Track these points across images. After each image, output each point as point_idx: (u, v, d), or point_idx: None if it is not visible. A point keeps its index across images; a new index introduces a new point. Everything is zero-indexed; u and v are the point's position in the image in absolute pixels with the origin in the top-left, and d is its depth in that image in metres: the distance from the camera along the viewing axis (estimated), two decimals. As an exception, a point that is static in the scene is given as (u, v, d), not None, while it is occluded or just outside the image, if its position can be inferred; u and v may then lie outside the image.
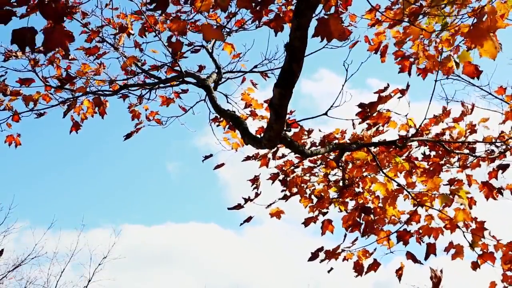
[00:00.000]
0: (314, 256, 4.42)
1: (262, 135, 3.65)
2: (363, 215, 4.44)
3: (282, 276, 22.00)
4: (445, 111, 4.95)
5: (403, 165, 4.44)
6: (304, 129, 4.79)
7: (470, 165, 5.01)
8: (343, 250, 4.44)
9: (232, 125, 4.81)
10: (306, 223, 4.85)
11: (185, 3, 4.55)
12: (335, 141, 4.87)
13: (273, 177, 4.97)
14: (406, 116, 4.41)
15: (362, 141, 4.57)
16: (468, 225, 4.33)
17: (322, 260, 4.42)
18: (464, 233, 4.21)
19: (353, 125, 4.52)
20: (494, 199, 4.66)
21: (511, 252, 4.18)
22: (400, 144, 4.22)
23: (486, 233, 4.21)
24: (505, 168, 4.78)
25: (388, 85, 4.25)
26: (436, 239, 4.30)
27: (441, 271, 2.96)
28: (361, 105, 4.14)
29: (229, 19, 5.08)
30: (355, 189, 4.71)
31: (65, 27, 2.57)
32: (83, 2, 4.88)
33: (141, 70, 5.28)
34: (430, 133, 5.00)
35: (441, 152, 4.94)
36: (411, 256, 4.23)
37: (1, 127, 4.93)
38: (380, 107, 4.22)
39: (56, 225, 21.00)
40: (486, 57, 2.78)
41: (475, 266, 4.30)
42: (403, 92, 4.25)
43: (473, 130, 4.96)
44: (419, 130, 4.47)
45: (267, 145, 3.65)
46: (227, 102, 5.62)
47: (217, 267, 22.68)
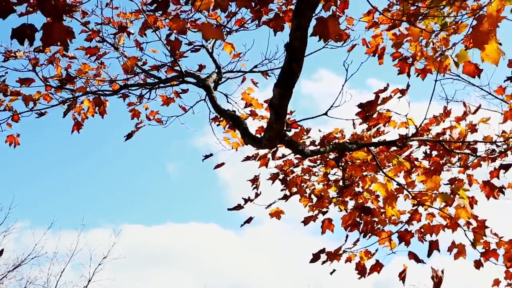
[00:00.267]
0: (315, 257, 4.41)
1: (262, 135, 3.64)
2: (363, 215, 4.44)
3: (282, 276, 22.03)
4: (446, 111, 4.94)
5: (403, 165, 4.44)
6: (304, 129, 4.79)
7: (471, 165, 5.00)
8: (345, 251, 4.43)
9: (232, 125, 4.80)
10: (305, 222, 4.85)
11: (186, 3, 4.54)
12: (335, 141, 4.87)
13: (273, 177, 4.97)
14: (406, 116, 4.41)
15: (362, 141, 4.56)
16: (469, 224, 4.33)
17: (324, 262, 4.41)
18: (465, 232, 4.21)
19: (353, 124, 4.51)
20: (495, 198, 4.65)
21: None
22: (400, 144, 4.21)
23: (487, 231, 4.22)
24: (507, 167, 4.77)
25: (388, 85, 4.25)
26: (437, 235, 4.31)
27: (442, 271, 2.96)
28: (361, 105, 4.14)
29: (229, 19, 5.07)
30: (355, 189, 4.71)
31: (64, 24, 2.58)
32: (83, 1, 4.88)
33: (141, 70, 5.28)
34: (430, 133, 5.00)
35: (441, 151, 4.93)
36: (413, 255, 4.23)
37: (1, 127, 4.93)
38: (380, 107, 4.21)
39: (56, 225, 21.03)
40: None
41: (478, 264, 4.30)
42: (403, 92, 4.25)
43: (473, 130, 4.95)
44: (419, 130, 4.46)
45: (267, 145, 3.65)
46: (227, 102, 5.63)
47: (217, 267, 22.72)
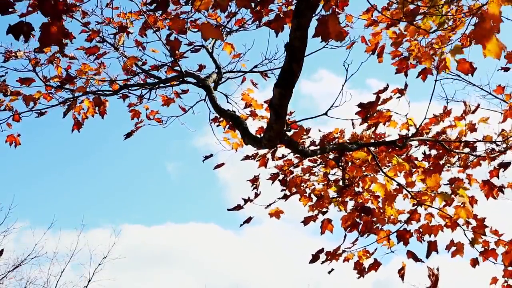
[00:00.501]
0: (315, 258, 4.42)
1: (262, 135, 3.65)
2: (363, 215, 4.44)
3: (282, 276, 22.04)
4: (446, 110, 4.95)
5: (403, 165, 4.44)
6: (303, 129, 4.79)
7: (470, 164, 5.01)
8: (344, 250, 4.44)
9: (232, 125, 4.81)
10: (305, 222, 4.86)
11: (186, 3, 4.54)
12: (335, 140, 4.88)
13: (273, 177, 4.97)
14: (406, 116, 4.41)
15: (361, 140, 4.57)
16: (468, 223, 4.34)
17: (323, 261, 4.42)
18: (464, 231, 4.21)
19: (352, 124, 4.52)
20: (494, 198, 4.65)
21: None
22: (400, 144, 4.22)
23: (486, 230, 4.22)
24: (506, 166, 4.77)
25: (387, 86, 4.26)
26: (436, 236, 4.31)
27: (437, 269, 2.96)
28: (361, 105, 4.14)
29: (229, 19, 5.08)
30: (354, 189, 4.72)
31: (63, 24, 2.58)
32: (84, 1, 4.88)
33: (141, 70, 5.28)
34: (430, 131, 5.00)
35: (441, 151, 4.94)
36: (412, 255, 4.23)
37: (1, 127, 4.93)
38: (380, 107, 4.22)
39: (56, 225, 21.00)
40: (490, 57, 2.78)
41: (474, 263, 4.31)
42: (401, 91, 4.26)
43: (473, 129, 4.96)
44: (419, 129, 4.47)
45: (267, 145, 3.65)
46: (227, 102, 5.63)
47: (217, 267, 22.72)
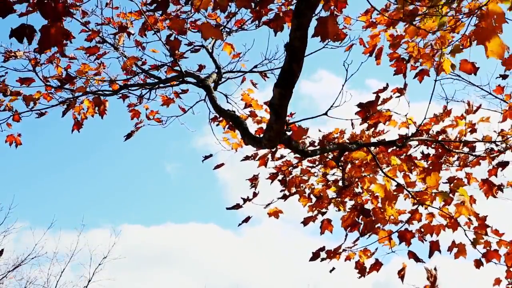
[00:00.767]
0: (315, 256, 4.43)
1: (262, 135, 3.65)
2: (362, 215, 4.44)
3: (281, 276, 22.05)
4: (446, 110, 4.96)
5: (402, 165, 4.45)
6: (303, 129, 4.79)
7: (470, 164, 5.02)
8: (344, 250, 4.44)
9: (232, 125, 4.81)
10: (305, 223, 4.86)
11: (186, 3, 4.55)
12: (335, 140, 4.88)
13: (272, 177, 4.97)
14: (405, 116, 4.42)
15: (361, 140, 4.57)
16: (469, 223, 4.33)
17: (323, 259, 4.42)
18: (465, 232, 4.21)
19: (352, 125, 4.52)
20: (494, 196, 4.66)
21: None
22: (399, 144, 4.22)
23: (488, 230, 4.22)
24: (504, 165, 4.78)
25: (387, 85, 4.26)
26: (438, 235, 4.31)
27: (435, 269, 2.96)
28: (361, 105, 4.14)
29: (229, 19, 5.08)
30: (354, 189, 4.72)
31: (63, 26, 2.58)
32: (83, 1, 4.88)
33: (141, 70, 5.28)
34: (430, 130, 5.00)
35: (440, 150, 4.94)
36: (413, 255, 4.23)
37: (1, 127, 4.92)
38: (380, 107, 4.22)
39: (56, 225, 20.99)
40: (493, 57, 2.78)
41: (478, 264, 4.30)
42: (401, 91, 4.26)
43: (473, 129, 4.97)
44: (419, 129, 4.47)
45: (267, 145, 3.65)
46: (227, 102, 5.63)
47: (216, 267, 22.72)
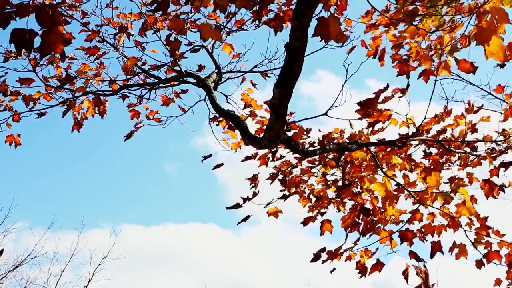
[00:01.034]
0: (316, 257, 4.42)
1: (262, 135, 3.64)
2: (362, 215, 4.44)
3: (281, 276, 22.06)
4: (446, 110, 4.95)
5: (402, 164, 4.44)
6: (303, 129, 4.79)
7: (471, 164, 5.01)
8: (345, 250, 4.44)
9: (232, 125, 4.80)
10: (305, 223, 4.86)
11: (186, 3, 4.54)
12: (334, 140, 4.87)
13: (272, 177, 4.97)
14: (406, 116, 4.41)
15: (360, 140, 4.56)
16: (470, 224, 4.33)
17: (324, 260, 4.42)
18: (466, 232, 4.20)
19: (350, 125, 4.51)
20: (494, 197, 4.65)
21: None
22: (400, 144, 4.21)
23: (489, 231, 4.21)
24: (507, 165, 4.77)
25: (388, 85, 4.25)
26: (439, 235, 4.30)
27: (424, 265, 2.94)
28: (361, 103, 4.13)
29: (228, 19, 5.07)
30: (353, 189, 4.71)
31: (64, 29, 2.57)
32: (83, 1, 4.87)
33: (141, 70, 5.28)
34: (431, 128, 4.99)
35: (441, 150, 4.94)
36: (414, 255, 4.22)
37: (1, 127, 4.92)
38: (380, 106, 4.21)
39: (56, 225, 21.05)
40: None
41: (479, 264, 4.28)
42: (403, 91, 4.25)
43: (473, 129, 4.96)
44: (419, 129, 4.46)
45: (267, 145, 3.65)
46: (227, 102, 5.63)
47: (216, 267, 22.74)
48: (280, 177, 4.99)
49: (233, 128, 5.13)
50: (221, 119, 5.38)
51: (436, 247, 4.21)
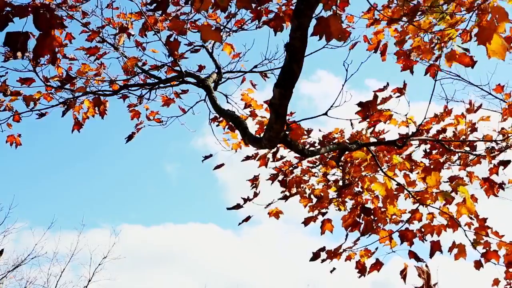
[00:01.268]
0: (315, 256, 4.42)
1: (262, 135, 3.64)
2: (363, 215, 4.44)
3: (281, 275, 22.08)
4: (446, 110, 4.96)
5: (403, 164, 4.45)
6: (303, 129, 4.79)
7: (470, 163, 5.01)
8: (345, 250, 4.44)
9: (232, 125, 4.80)
10: (305, 223, 4.86)
11: (185, 3, 4.55)
12: (335, 140, 4.88)
13: (272, 178, 4.97)
14: (406, 115, 4.41)
15: (360, 140, 4.57)
16: (470, 224, 4.33)
17: (323, 260, 4.42)
18: (465, 232, 4.20)
19: (351, 125, 4.51)
20: (495, 195, 4.65)
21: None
22: (400, 143, 4.22)
23: (488, 231, 4.21)
24: (506, 164, 4.77)
25: (388, 85, 4.26)
26: (439, 235, 4.31)
27: (427, 266, 2.93)
28: (361, 104, 4.14)
29: (229, 19, 5.07)
30: (354, 189, 4.72)
31: (55, 36, 2.56)
32: (83, 1, 4.88)
33: (141, 70, 5.28)
34: (431, 127, 5.00)
35: (441, 150, 4.94)
36: (413, 254, 4.22)
37: (1, 128, 4.92)
38: (380, 106, 4.22)
39: (56, 225, 21.07)
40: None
41: (478, 265, 4.29)
42: (401, 91, 4.25)
43: (473, 128, 4.96)
44: (419, 129, 4.47)
45: (267, 145, 3.65)
46: (227, 102, 5.62)
47: (216, 267, 22.76)
48: (280, 178, 4.99)
49: (233, 128, 5.13)
50: (221, 119, 5.38)
51: (435, 247, 4.21)
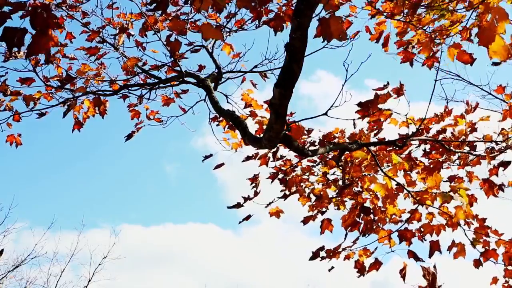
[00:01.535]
0: (315, 255, 4.43)
1: (262, 135, 3.65)
2: (363, 215, 4.45)
3: (281, 275, 22.10)
4: (446, 110, 4.96)
5: (402, 164, 4.45)
6: (303, 129, 4.79)
7: (470, 163, 5.02)
8: (344, 249, 4.45)
9: (232, 125, 4.81)
10: (305, 222, 4.87)
11: (185, 3, 4.55)
12: (335, 140, 4.88)
13: (272, 176, 4.97)
14: (406, 115, 4.42)
15: (360, 139, 4.57)
16: (469, 223, 4.34)
17: (322, 258, 4.43)
18: (465, 232, 4.21)
19: (353, 124, 4.51)
20: (495, 196, 4.66)
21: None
22: (400, 144, 4.22)
23: (488, 231, 4.22)
24: (506, 165, 4.78)
25: (388, 84, 4.26)
26: (438, 235, 4.31)
27: (434, 266, 2.92)
28: (361, 104, 4.14)
29: (229, 19, 5.07)
30: (354, 189, 4.72)
31: (52, 35, 2.56)
32: (83, 1, 4.88)
33: (141, 70, 5.28)
34: (431, 128, 5.00)
35: (441, 149, 4.95)
36: (412, 254, 4.23)
37: (1, 127, 4.92)
38: (380, 106, 4.22)
39: (56, 225, 21.08)
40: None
41: (477, 264, 4.30)
42: (398, 91, 4.26)
43: (473, 128, 4.97)
44: (419, 129, 4.47)
45: (267, 145, 3.65)
46: (227, 102, 5.62)
47: (216, 267, 22.79)
48: (280, 176, 4.99)
49: (233, 128, 5.13)
50: (221, 119, 5.38)
51: (434, 247, 4.22)
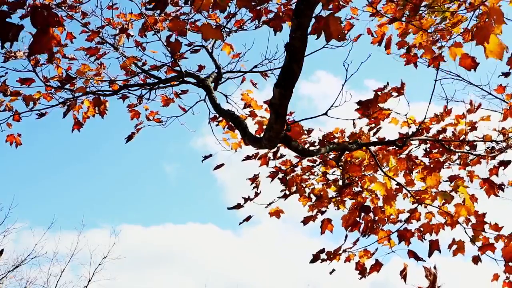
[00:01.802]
0: (315, 257, 4.42)
1: (262, 135, 3.64)
2: (363, 214, 4.44)
3: (281, 276, 22.09)
4: (446, 110, 4.96)
5: (402, 163, 4.45)
6: (303, 129, 4.79)
7: (470, 162, 5.02)
8: (344, 251, 4.44)
9: (232, 125, 4.80)
10: (305, 222, 4.86)
11: (185, 3, 4.55)
12: (335, 140, 4.88)
13: (272, 175, 4.97)
14: (406, 115, 4.42)
15: (360, 139, 4.57)
16: (468, 221, 4.33)
17: (323, 260, 4.42)
18: (465, 229, 4.21)
19: (353, 124, 4.51)
20: (495, 195, 4.66)
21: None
22: (400, 143, 4.22)
23: (486, 226, 4.22)
24: (506, 164, 4.78)
25: (388, 84, 4.26)
26: (437, 234, 4.31)
27: (435, 267, 2.93)
28: (360, 103, 4.14)
29: (228, 19, 5.07)
30: (354, 188, 4.72)
31: (53, 34, 2.55)
32: (83, 2, 4.88)
33: (141, 70, 5.28)
34: (431, 128, 5.00)
35: (441, 149, 4.95)
36: (413, 254, 4.23)
37: (1, 127, 4.92)
38: (380, 105, 4.22)
39: (56, 225, 21.07)
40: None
41: (476, 260, 4.30)
42: (399, 90, 4.26)
43: (473, 128, 4.97)
44: (419, 129, 4.47)
45: (267, 145, 3.65)
46: (227, 102, 5.62)
47: (216, 267, 22.78)
48: (280, 176, 4.99)
49: (233, 128, 5.13)
50: (221, 119, 5.37)
51: (434, 246, 4.22)
